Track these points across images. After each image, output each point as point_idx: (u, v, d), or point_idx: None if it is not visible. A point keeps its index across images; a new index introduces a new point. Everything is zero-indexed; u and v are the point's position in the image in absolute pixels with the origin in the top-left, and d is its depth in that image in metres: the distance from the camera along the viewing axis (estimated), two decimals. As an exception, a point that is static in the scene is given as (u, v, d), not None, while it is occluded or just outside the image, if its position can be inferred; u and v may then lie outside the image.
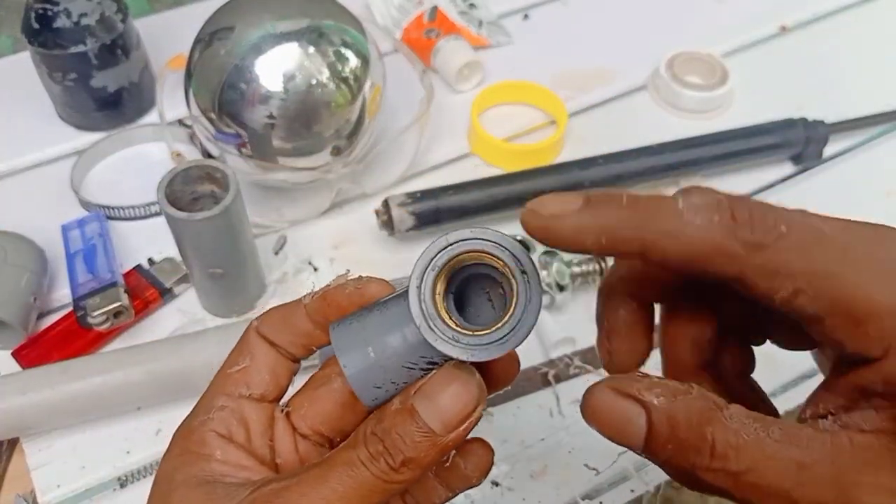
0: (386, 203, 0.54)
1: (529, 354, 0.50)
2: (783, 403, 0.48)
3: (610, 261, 0.50)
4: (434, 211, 0.53)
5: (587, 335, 0.51)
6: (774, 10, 0.77)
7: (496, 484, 0.44)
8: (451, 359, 0.22)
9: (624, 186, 0.57)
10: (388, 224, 0.53)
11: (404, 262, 0.55)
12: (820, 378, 0.26)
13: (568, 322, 0.50)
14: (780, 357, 0.51)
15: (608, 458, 0.45)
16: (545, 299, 0.49)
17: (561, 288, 0.49)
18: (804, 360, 0.52)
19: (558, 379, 0.48)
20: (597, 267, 0.50)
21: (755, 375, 0.30)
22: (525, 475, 0.45)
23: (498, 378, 0.26)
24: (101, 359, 0.44)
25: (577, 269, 0.50)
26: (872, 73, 0.70)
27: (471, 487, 0.27)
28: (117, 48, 0.59)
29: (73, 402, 0.42)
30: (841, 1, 0.78)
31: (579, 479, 0.44)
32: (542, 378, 0.48)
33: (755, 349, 0.29)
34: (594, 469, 0.44)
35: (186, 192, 0.47)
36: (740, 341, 0.28)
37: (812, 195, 0.60)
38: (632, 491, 0.44)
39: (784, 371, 0.49)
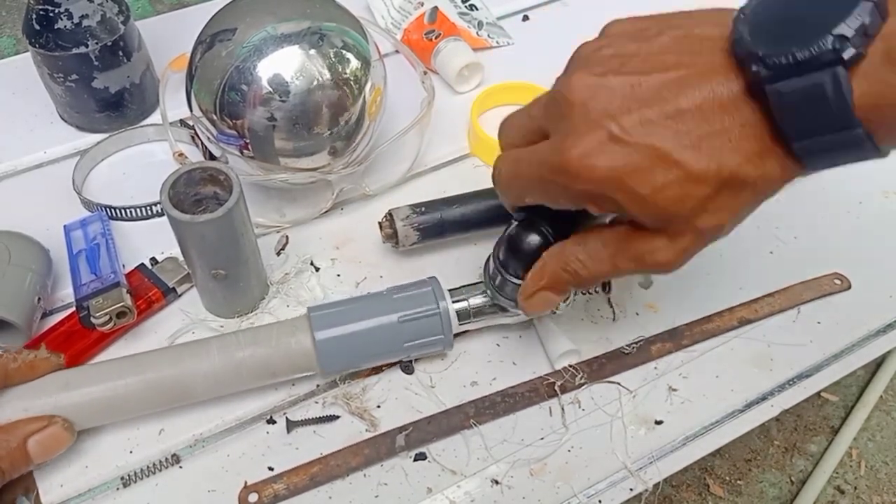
0: (390, 216, 0.54)
1: (535, 366, 0.50)
2: (781, 402, 0.49)
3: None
4: (438, 224, 0.53)
5: (591, 345, 0.51)
6: (773, 12, 0.77)
7: (496, 482, 0.45)
8: None
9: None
10: (392, 237, 0.53)
11: (405, 262, 0.55)
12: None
13: (571, 331, 0.51)
14: (778, 358, 0.52)
15: (608, 457, 0.46)
16: None
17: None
18: (802, 360, 0.53)
19: (564, 390, 0.48)
20: None
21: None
22: (524, 473, 0.45)
23: None
24: (101, 369, 0.44)
25: None
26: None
27: None
28: (119, 50, 0.60)
29: (74, 414, 0.43)
30: (839, 2, 0.79)
31: (579, 477, 0.45)
32: (548, 389, 0.48)
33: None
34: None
35: (189, 195, 0.47)
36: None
37: (810, 196, 0.60)
38: (630, 490, 0.45)
39: (782, 371, 0.50)
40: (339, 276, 0.55)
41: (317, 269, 0.55)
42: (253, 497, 0.44)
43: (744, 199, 0.33)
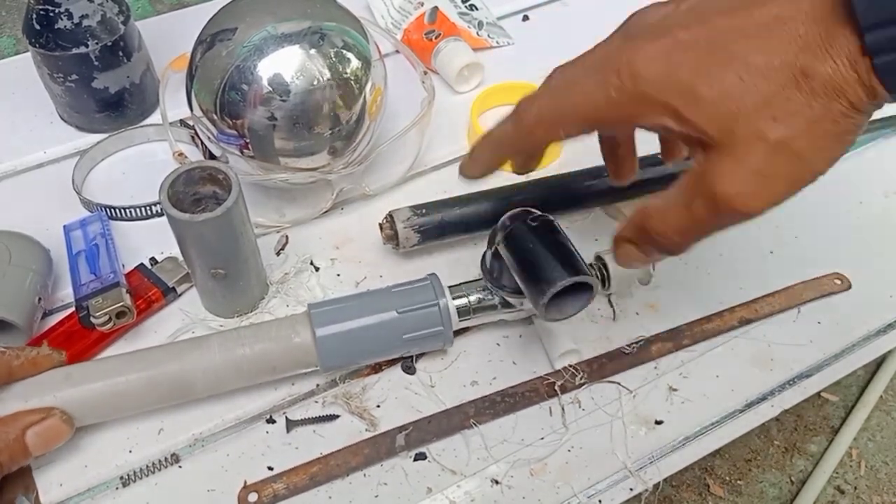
0: (391, 218, 0.53)
1: (535, 366, 0.50)
2: (781, 402, 0.49)
3: (611, 267, 0.49)
4: (438, 225, 0.53)
5: (590, 345, 0.51)
6: (773, 12, 0.77)
7: (496, 482, 0.45)
8: None
9: (629, 197, 0.56)
10: (392, 239, 0.53)
11: (405, 262, 0.55)
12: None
13: (571, 331, 0.51)
14: (778, 358, 0.52)
15: (608, 457, 0.46)
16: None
17: None
18: (802, 360, 0.53)
19: (564, 389, 0.48)
20: (598, 275, 0.50)
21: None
22: (524, 473, 0.45)
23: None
24: (102, 364, 0.44)
25: None
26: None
27: None
28: (119, 50, 0.60)
29: (75, 410, 0.43)
30: (839, 2, 0.79)
31: (579, 477, 0.45)
32: (548, 389, 0.48)
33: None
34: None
35: (189, 194, 0.47)
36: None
37: (810, 197, 0.60)
38: (630, 490, 0.45)
39: (782, 371, 0.50)
40: (338, 275, 0.55)
41: (316, 269, 0.55)
42: (252, 497, 0.44)
43: (818, 109, 0.30)
